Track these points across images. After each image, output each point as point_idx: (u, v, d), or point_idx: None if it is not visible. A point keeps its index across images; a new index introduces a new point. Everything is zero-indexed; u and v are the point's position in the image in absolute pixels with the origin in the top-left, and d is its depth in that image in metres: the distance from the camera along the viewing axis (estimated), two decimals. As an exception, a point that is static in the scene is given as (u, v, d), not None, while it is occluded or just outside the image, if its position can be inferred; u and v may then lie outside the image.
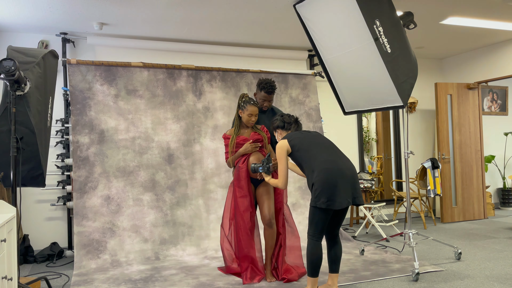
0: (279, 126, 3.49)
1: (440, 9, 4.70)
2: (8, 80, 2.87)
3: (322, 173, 3.01)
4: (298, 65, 6.11)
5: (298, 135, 3.30)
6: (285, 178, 3.24)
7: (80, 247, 4.36)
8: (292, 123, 3.47)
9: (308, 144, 3.22)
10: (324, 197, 2.97)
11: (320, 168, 3.04)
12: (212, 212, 4.95)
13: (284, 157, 3.23)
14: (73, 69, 4.73)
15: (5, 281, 2.37)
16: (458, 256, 4.25)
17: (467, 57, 6.92)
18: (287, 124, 3.46)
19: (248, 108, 3.68)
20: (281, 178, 3.24)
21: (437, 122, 6.39)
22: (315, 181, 3.04)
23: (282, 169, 3.23)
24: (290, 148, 3.25)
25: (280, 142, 3.28)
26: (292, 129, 3.46)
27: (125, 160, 4.74)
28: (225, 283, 3.67)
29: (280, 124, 3.47)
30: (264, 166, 3.44)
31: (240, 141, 3.72)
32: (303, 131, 3.37)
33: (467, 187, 6.49)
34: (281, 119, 3.47)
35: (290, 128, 3.46)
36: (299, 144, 3.22)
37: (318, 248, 3.10)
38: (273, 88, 3.82)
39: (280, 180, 3.26)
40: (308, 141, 3.23)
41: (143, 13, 4.50)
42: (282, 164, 3.23)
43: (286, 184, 3.26)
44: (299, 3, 4.16)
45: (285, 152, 3.23)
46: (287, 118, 3.47)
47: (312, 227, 3.09)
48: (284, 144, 3.25)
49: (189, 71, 5.20)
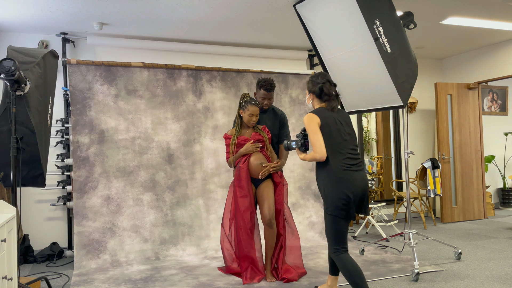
0: (314, 92, 3.03)
1: (440, 9, 4.70)
2: (8, 80, 2.87)
3: (337, 182, 2.82)
4: (298, 65, 6.11)
5: (329, 120, 2.91)
6: (320, 147, 2.84)
7: (80, 247, 4.36)
8: (331, 97, 3.00)
9: (334, 137, 2.90)
10: (338, 207, 2.82)
11: (336, 175, 2.83)
12: (212, 212, 4.95)
13: (316, 127, 2.86)
14: (73, 69, 4.73)
15: (5, 281, 2.37)
16: (458, 256, 4.25)
17: (467, 57, 6.91)
18: (325, 96, 3.00)
19: (249, 108, 3.68)
20: (316, 148, 2.85)
21: (437, 122, 6.39)
22: (327, 187, 2.86)
23: (316, 138, 2.85)
24: (320, 123, 2.89)
25: (309, 115, 2.91)
26: (328, 105, 3.01)
27: (125, 160, 4.74)
28: (225, 283, 3.67)
29: (317, 91, 3.01)
30: (298, 142, 3.08)
31: (241, 141, 3.72)
32: (336, 116, 2.97)
33: (467, 187, 6.49)
34: (321, 86, 2.98)
35: (326, 101, 3.01)
36: (325, 132, 2.89)
37: (348, 258, 2.83)
38: (272, 86, 3.83)
39: (315, 151, 2.86)
40: (335, 134, 2.90)
41: (143, 13, 4.50)
42: (316, 134, 2.85)
43: (324, 152, 2.85)
44: (299, 3, 4.16)
45: (316, 124, 2.87)
46: (328, 87, 2.98)
47: (333, 238, 2.86)
48: (314, 118, 2.89)
49: (189, 71, 5.20)
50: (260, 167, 3.67)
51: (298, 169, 5.46)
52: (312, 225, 5.26)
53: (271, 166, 3.69)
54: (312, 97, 3.06)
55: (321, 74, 3.03)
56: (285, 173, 5.34)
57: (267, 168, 3.67)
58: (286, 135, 3.98)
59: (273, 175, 3.77)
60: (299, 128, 5.61)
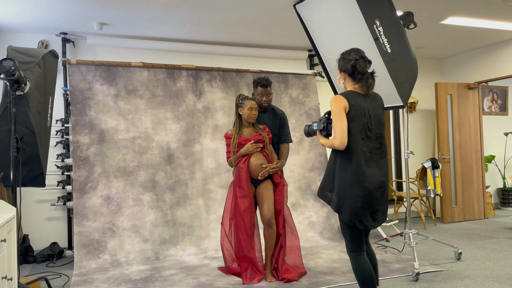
0: (346, 70, 2.67)
1: (440, 9, 4.70)
2: (8, 80, 2.87)
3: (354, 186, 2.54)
4: (298, 65, 6.11)
5: (357, 110, 2.58)
6: (341, 134, 2.53)
7: (80, 247, 4.36)
8: (364, 76, 2.64)
9: (360, 128, 2.58)
10: (350, 213, 2.56)
11: (354, 178, 2.54)
12: (212, 212, 4.95)
13: (341, 112, 2.55)
14: (73, 69, 4.73)
15: (5, 281, 2.37)
16: (458, 256, 4.25)
17: (467, 57, 6.91)
18: (358, 74, 2.64)
19: (247, 103, 3.71)
20: (337, 134, 2.54)
21: (437, 122, 6.39)
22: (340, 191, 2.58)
23: (339, 123, 2.54)
24: (348, 108, 2.57)
25: (337, 97, 2.59)
26: (361, 86, 2.65)
27: (125, 160, 4.74)
28: (225, 283, 3.67)
29: (349, 69, 2.65)
30: (320, 124, 2.78)
31: (241, 141, 3.72)
32: (367, 106, 2.63)
33: (467, 187, 6.49)
34: (354, 63, 2.62)
35: (359, 81, 2.65)
36: (353, 119, 2.58)
37: (361, 262, 2.62)
38: (268, 81, 3.85)
39: (335, 137, 2.56)
40: (359, 127, 2.59)
41: (143, 13, 4.50)
42: (339, 118, 2.55)
43: (345, 140, 2.53)
44: (299, 3, 4.16)
45: (342, 108, 2.56)
46: (362, 64, 2.62)
47: (348, 241, 2.66)
48: (342, 100, 2.57)
49: (189, 71, 5.20)
50: (260, 168, 3.67)
51: (298, 169, 5.46)
52: (312, 225, 5.26)
53: (271, 167, 3.69)
54: (344, 77, 2.69)
55: (353, 50, 2.67)
56: (285, 173, 5.34)
57: (267, 169, 3.67)
58: (286, 134, 3.98)
59: (273, 176, 3.77)
60: (299, 128, 5.61)
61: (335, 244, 4.99)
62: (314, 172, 5.52)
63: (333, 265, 4.12)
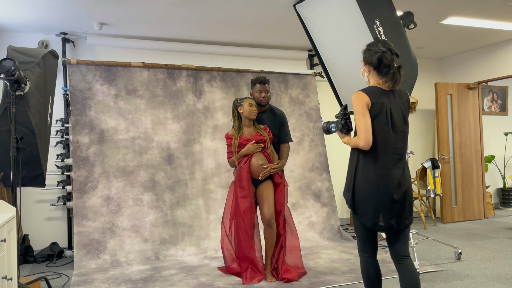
0: (372, 63, 2.49)
1: (440, 9, 4.70)
2: (8, 80, 2.87)
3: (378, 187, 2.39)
4: (298, 65, 6.11)
5: (379, 109, 2.42)
6: (365, 133, 2.37)
7: (80, 247, 4.36)
8: (390, 69, 2.46)
9: (384, 127, 2.43)
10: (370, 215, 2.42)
11: (377, 179, 2.39)
12: (212, 212, 4.95)
13: (363, 109, 2.40)
14: (73, 69, 4.73)
15: (5, 281, 2.37)
16: (458, 256, 4.25)
17: (467, 57, 6.91)
18: (385, 68, 2.46)
19: (246, 101, 3.77)
20: (361, 134, 2.39)
21: (437, 122, 6.39)
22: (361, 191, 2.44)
23: (363, 121, 2.39)
24: (370, 105, 2.41)
25: (358, 93, 2.43)
26: (386, 81, 2.48)
27: (125, 160, 4.74)
28: (225, 283, 3.67)
29: (375, 61, 2.47)
30: (338, 123, 2.64)
31: (242, 141, 3.72)
32: (390, 104, 2.46)
33: (467, 187, 6.49)
34: (381, 55, 2.43)
35: (384, 75, 2.48)
36: (376, 117, 2.43)
37: (368, 263, 2.52)
38: (265, 78, 3.89)
39: (359, 137, 2.40)
40: (386, 123, 2.43)
41: (143, 13, 4.50)
42: (363, 116, 2.39)
43: (370, 139, 2.38)
44: (299, 3, 4.16)
45: (365, 105, 2.40)
46: (388, 57, 2.43)
47: (359, 240, 2.55)
48: (364, 97, 2.41)
49: (189, 71, 5.20)
50: (260, 168, 3.67)
51: (298, 169, 5.46)
52: (312, 225, 5.26)
53: (272, 167, 3.69)
54: (369, 69, 2.51)
55: (380, 41, 2.49)
56: (285, 173, 5.34)
57: (267, 170, 3.67)
58: (286, 134, 3.98)
59: (274, 176, 3.77)
60: (299, 128, 5.61)
61: (335, 244, 4.99)
62: (314, 172, 5.52)
63: (333, 265, 4.12)
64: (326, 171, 5.58)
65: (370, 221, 2.41)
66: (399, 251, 2.48)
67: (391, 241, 2.52)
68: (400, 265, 2.46)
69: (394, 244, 2.50)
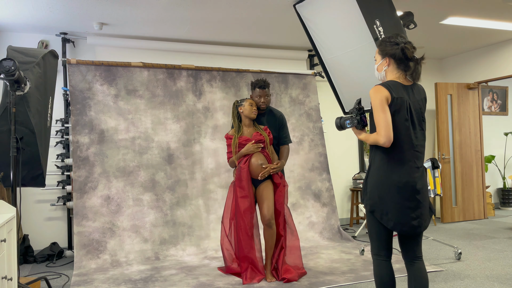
0: (394, 55, 2.39)
1: (440, 9, 4.70)
2: (8, 80, 2.87)
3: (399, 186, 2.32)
4: (298, 65, 6.11)
5: (400, 104, 2.34)
6: (386, 128, 2.29)
7: (80, 247, 4.36)
8: (411, 62, 2.38)
9: (404, 123, 2.35)
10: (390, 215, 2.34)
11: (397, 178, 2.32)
12: (212, 212, 4.95)
13: (383, 104, 2.31)
14: (73, 69, 4.73)
15: (5, 281, 2.36)
16: (458, 256, 4.24)
17: (467, 57, 6.91)
18: (406, 60, 2.37)
19: (246, 101, 3.78)
20: (381, 130, 2.30)
21: (437, 122, 6.39)
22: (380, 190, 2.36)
23: (382, 117, 2.30)
24: (390, 100, 2.33)
25: (377, 87, 2.36)
26: (404, 76, 2.41)
27: (125, 160, 4.74)
28: (225, 283, 3.67)
29: (398, 53, 2.37)
30: (354, 119, 2.54)
31: (242, 141, 3.72)
32: (409, 99, 2.38)
33: (467, 187, 6.49)
34: (403, 47, 2.35)
35: (403, 70, 2.40)
36: (396, 113, 2.34)
37: (383, 267, 2.42)
38: (265, 82, 3.85)
39: (379, 133, 2.31)
40: (405, 119, 2.35)
41: (143, 13, 4.50)
42: (382, 111, 2.31)
43: (391, 136, 2.29)
44: (299, 3, 4.16)
45: (384, 100, 2.32)
46: (411, 49, 2.36)
47: (373, 243, 2.44)
48: (383, 91, 2.33)
49: (189, 71, 5.20)
50: (260, 168, 3.67)
51: (298, 169, 5.46)
52: (312, 225, 5.26)
53: (271, 167, 3.69)
54: (389, 63, 2.41)
55: (398, 34, 2.43)
56: (285, 173, 5.34)
57: (267, 170, 3.67)
58: (286, 136, 3.97)
59: (273, 176, 3.77)
60: (299, 128, 5.61)
61: (335, 244, 4.99)
62: (314, 172, 5.52)
63: (333, 265, 4.12)
64: (326, 171, 5.58)
65: (391, 221, 2.32)
66: (415, 252, 2.43)
67: (406, 242, 2.45)
68: (411, 266, 2.43)
69: (408, 246, 2.44)
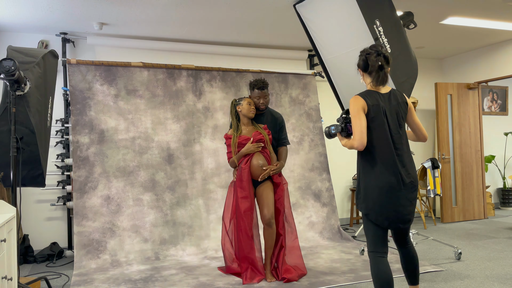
0: (359, 65, 2.66)
1: (440, 9, 4.70)
2: (8, 80, 2.87)
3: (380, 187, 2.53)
4: (298, 65, 6.11)
5: (376, 111, 2.55)
6: (359, 134, 2.51)
7: (80, 247, 4.36)
8: (375, 68, 2.59)
9: (381, 128, 2.56)
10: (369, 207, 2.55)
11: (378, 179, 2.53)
12: (212, 212, 4.95)
13: (359, 111, 2.54)
14: (73, 69, 4.73)
15: (5, 281, 2.37)
16: (458, 256, 4.24)
17: (467, 57, 6.91)
18: (370, 68, 2.61)
19: (245, 100, 3.78)
20: (355, 135, 2.53)
21: (437, 122, 6.39)
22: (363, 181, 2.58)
23: (357, 123, 2.53)
24: (366, 109, 2.55)
25: (355, 97, 2.57)
26: (374, 82, 2.63)
27: (125, 160, 4.74)
28: (225, 283, 3.67)
29: (360, 64, 2.65)
30: (338, 126, 2.74)
31: (242, 140, 3.72)
32: (384, 105, 2.59)
33: (467, 187, 6.49)
34: (365, 57, 2.61)
35: (375, 75, 2.61)
36: (373, 120, 2.56)
37: (380, 263, 2.55)
38: (264, 83, 3.82)
39: (354, 138, 2.55)
40: (383, 125, 2.56)
41: (143, 13, 4.50)
42: (357, 118, 2.53)
43: (363, 141, 2.52)
44: (299, 3, 4.16)
45: (361, 108, 2.54)
46: (373, 58, 2.59)
47: (369, 241, 2.60)
48: (360, 101, 2.55)
49: (189, 71, 5.20)
50: (260, 169, 3.67)
51: (298, 169, 5.46)
52: (312, 225, 5.26)
53: (271, 169, 3.69)
54: (361, 74, 2.68)
55: (372, 45, 2.65)
56: (285, 173, 5.35)
57: (267, 171, 3.67)
58: (285, 137, 3.97)
59: (273, 176, 3.77)
60: (299, 128, 5.61)
61: (335, 244, 4.99)
62: (314, 172, 5.52)
63: (333, 265, 4.12)
64: (326, 171, 5.58)
65: (386, 221, 2.54)
66: (406, 240, 2.73)
67: (397, 233, 2.72)
68: (402, 249, 2.75)
69: (400, 237, 2.73)
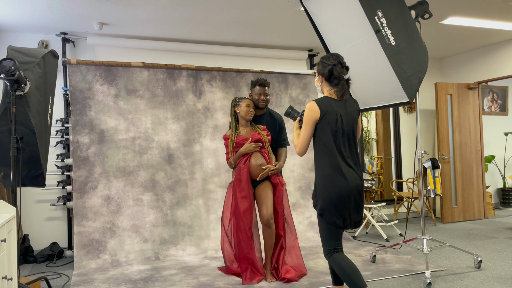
0: (323, 74, 2.74)
1: (440, 9, 4.70)
2: (8, 80, 2.87)
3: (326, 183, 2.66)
4: (298, 65, 6.11)
5: (330, 117, 2.67)
6: (302, 142, 2.72)
7: (80, 247, 4.36)
8: (340, 81, 2.72)
9: (333, 133, 2.68)
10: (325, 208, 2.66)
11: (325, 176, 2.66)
12: (212, 212, 4.95)
13: (310, 122, 2.69)
14: (73, 69, 4.73)
15: (5, 281, 2.36)
16: (478, 265, 3.95)
17: (467, 57, 6.91)
18: (334, 79, 2.71)
19: (244, 101, 3.77)
20: (299, 142, 2.74)
21: (437, 122, 6.39)
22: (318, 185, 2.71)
23: (304, 133, 2.71)
24: (319, 117, 2.67)
25: (312, 105, 2.68)
26: (336, 91, 2.73)
27: (125, 160, 4.74)
28: (225, 283, 3.67)
29: (326, 73, 2.73)
30: (300, 115, 2.92)
31: (240, 140, 3.72)
32: (339, 111, 2.70)
33: (467, 187, 6.49)
34: (331, 68, 2.70)
35: (335, 85, 2.73)
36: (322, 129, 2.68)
37: (341, 256, 2.65)
38: (265, 81, 3.84)
39: (296, 144, 2.76)
40: (331, 134, 2.67)
41: (143, 13, 4.50)
42: (305, 129, 2.71)
43: (303, 151, 2.73)
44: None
45: (312, 118, 2.68)
46: (339, 70, 2.70)
47: (327, 242, 2.70)
48: (314, 110, 2.67)
49: (189, 71, 5.20)
50: (259, 169, 3.67)
51: (298, 169, 5.46)
52: (312, 225, 5.26)
53: (270, 168, 3.69)
54: (321, 80, 2.76)
55: (333, 55, 2.74)
56: (285, 173, 5.34)
57: (266, 171, 3.67)
58: (284, 138, 3.96)
59: (271, 177, 3.76)
60: (299, 128, 5.60)
61: (335, 244, 4.98)
62: (314, 172, 5.51)
63: (333, 265, 4.12)
64: (326, 171, 5.57)
65: (339, 220, 2.66)
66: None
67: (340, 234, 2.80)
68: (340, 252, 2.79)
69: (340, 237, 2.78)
